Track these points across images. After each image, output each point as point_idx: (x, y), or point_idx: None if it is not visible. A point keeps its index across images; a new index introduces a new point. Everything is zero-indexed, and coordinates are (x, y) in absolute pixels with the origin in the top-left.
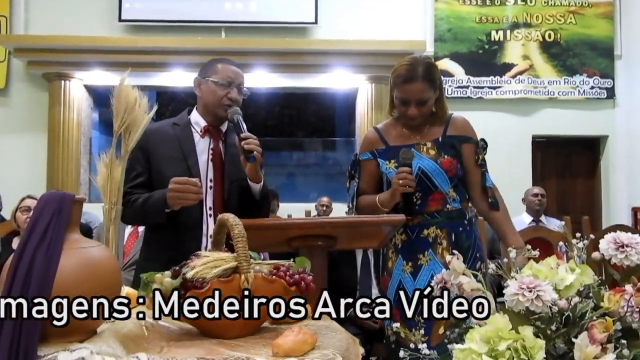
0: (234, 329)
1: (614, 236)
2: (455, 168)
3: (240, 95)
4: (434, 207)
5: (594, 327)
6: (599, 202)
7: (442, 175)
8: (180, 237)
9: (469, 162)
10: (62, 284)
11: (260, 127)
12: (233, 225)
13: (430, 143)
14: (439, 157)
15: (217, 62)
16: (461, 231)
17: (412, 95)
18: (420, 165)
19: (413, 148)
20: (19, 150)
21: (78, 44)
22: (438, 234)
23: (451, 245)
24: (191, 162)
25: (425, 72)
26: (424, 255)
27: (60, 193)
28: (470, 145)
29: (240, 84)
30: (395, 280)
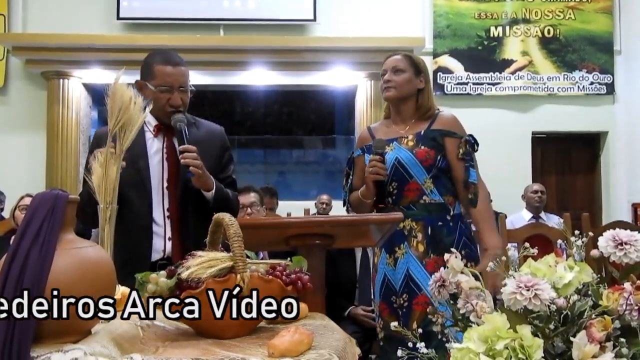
0: (230, 329)
1: (613, 234)
2: (431, 159)
3: (186, 96)
4: (409, 198)
5: (593, 326)
6: (599, 198)
7: (417, 165)
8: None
9: (452, 156)
10: (56, 284)
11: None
12: (229, 225)
13: (412, 136)
14: (416, 147)
15: (153, 64)
16: (441, 226)
17: (388, 64)
18: (397, 155)
19: (395, 141)
20: (18, 149)
21: (76, 43)
22: (413, 226)
23: (427, 239)
24: (142, 164)
25: (407, 55)
26: (399, 248)
27: (54, 193)
28: (454, 140)
29: (181, 85)
30: (380, 275)
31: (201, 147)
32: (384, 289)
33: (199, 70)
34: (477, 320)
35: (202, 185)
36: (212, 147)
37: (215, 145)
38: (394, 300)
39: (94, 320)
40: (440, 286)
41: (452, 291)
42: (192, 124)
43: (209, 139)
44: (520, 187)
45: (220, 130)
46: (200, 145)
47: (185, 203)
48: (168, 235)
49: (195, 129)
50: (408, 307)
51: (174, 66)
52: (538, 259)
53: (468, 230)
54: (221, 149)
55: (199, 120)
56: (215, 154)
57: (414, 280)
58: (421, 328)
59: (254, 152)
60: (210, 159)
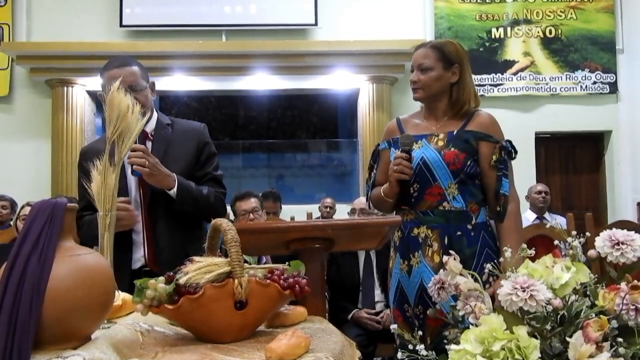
0: (229, 334)
1: (610, 234)
2: (460, 162)
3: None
4: (428, 203)
5: (589, 326)
6: (603, 198)
7: (443, 168)
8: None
9: (485, 163)
10: (56, 291)
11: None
12: (226, 230)
13: (444, 134)
14: (445, 148)
15: (103, 72)
16: (459, 236)
17: (415, 60)
18: (424, 155)
19: (424, 139)
20: (23, 156)
21: (80, 50)
22: (428, 234)
23: (443, 249)
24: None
25: (436, 43)
26: (414, 255)
27: (53, 201)
28: (489, 145)
29: (131, 84)
30: (395, 280)
31: (172, 147)
32: (398, 296)
33: (201, 76)
34: (476, 322)
35: (157, 184)
36: (185, 145)
37: (189, 144)
38: (407, 309)
39: (93, 326)
40: (440, 288)
41: (451, 293)
42: (167, 125)
43: (182, 137)
44: (525, 187)
45: (197, 127)
46: (171, 145)
47: (153, 209)
48: (145, 242)
49: (170, 129)
50: (423, 319)
51: (119, 67)
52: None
53: (493, 240)
54: (197, 147)
55: (176, 121)
56: (189, 152)
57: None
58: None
59: (257, 157)
60: (185, 157)
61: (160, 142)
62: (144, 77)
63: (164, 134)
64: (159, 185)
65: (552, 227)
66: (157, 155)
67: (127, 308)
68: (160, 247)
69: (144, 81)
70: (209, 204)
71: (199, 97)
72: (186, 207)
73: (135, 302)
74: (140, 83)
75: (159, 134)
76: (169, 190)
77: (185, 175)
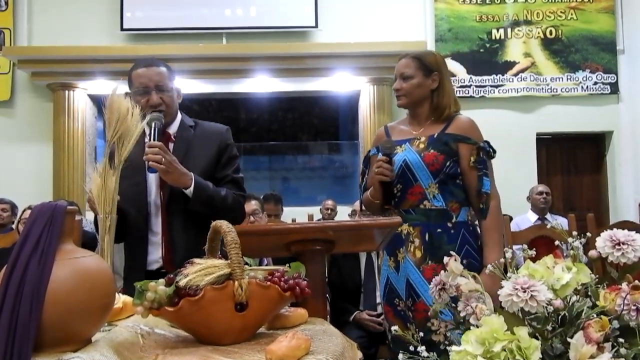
0: (229, 336)
1: (611, 234)
2: (439, 163)
3: (167, 95)
4: (410, 202)
5: (590, 327)
6: (605, 198)
7: (423, 169)
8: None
9: (465, 164)
10: (56, 293)
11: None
12: (226, 232)
13: (425, 138)
14: (425, 150)
15: (131, 72)
16: (440, 232)
17: (398, 70)
18: (406, 157)
19: (408, 142)
20: (25, 160)
21: (81, 54)
22: (410, 231)
23: (425, 245)
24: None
25: (416, 53)
26: (400, 252)
27: (53, 204)
28: (468, 146)
29: (157, 83)
30: (383, 277)
31: (193, 148)
32: (387, 291)
33: (202, 79)
34: (477, 323)
35: (173, 182)
36: (206, 147)
37: (210, 145)
38: (397, 303)
39: (94, 329)
40: (441, 289)
41: (452, 294)
42: (189, 127)
43: (204, 139)
44: (526, 188)
45: (220, 129)
46: (192, 146)
47: (172, 210)
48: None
49: (192, 130)
50: (413, 312)
51: (147, 67)
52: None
53: (473, 238)
54: (218, 148)
55: (199, 122)
56: (210, 153)
57: (412, 286)
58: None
59: (259, 159)
60: (205, 158)
61: (182, 143)
62: (171, 79)
63: (186, 135)
64: (175, 183)
65: (553, 227)
66: (177, 155)
67: (128, 311)
68: (177, 248)
69: (170, 83)
70: (225, 205)
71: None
72: (202, 207)
73: (136, 305)
74: (167, 84)
75: (181, 135)
76: (186, 189)
77: (204, 176)
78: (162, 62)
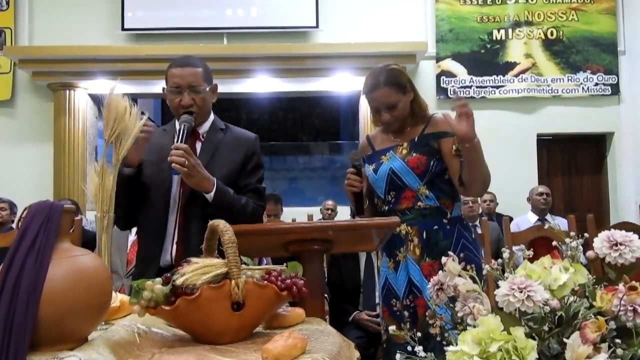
0: (226, 335)
1: (608, 234)
2: (423, 165)
3: (200, 97)
4: (404, 205)
5: (587, 327)
6: (606, 199)
7: (410, 174)
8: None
9: (448, 155)
10: (52, 292)
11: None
12: (223, 231)
13: (407, 143)
14: (408, 155)
15: (167, 70)
16: (436, 229)
17: (379, 101)
18: (392, 165)
19: (391, 150)
20: (26, 160)
21: (82, 54)
22: (408, 231)
23: (422, 242)
24: (166, 165)
25: (387, 78)
26: (399, 251)
27: (49, 202)
28: (448, 139)
29: (190, 84)
30: (382, 277)
31: (220, 151)
32: (385, 291)
33: None
34: (475, 323)
35: (195, 186)
36: (233, 152)
37: (237, 151)
38: (394, 303)
39: (90, 328)
40: (439, 289)
41: (450, 294)
42: (221, 130)
43: (232, 144)
44: (527, 189)
45: (249, 137)
46: (220, 149)
47: (189, 209)
48: (175, 239)
49: (222, 133)
50: (414, 309)
51: (182, 67)
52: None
53: (468, 232)
54: (245, 155)
55: (230, 127)
56: (236, 159)
57: (414, 283)
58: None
59: None
60: (230, 163)
61: (210, 145)
62: (207, 79)
63: (215, 137)
64: (196, 187)
65: (550, 228)
66: (204, 156)
67: (125, 309)
68: (191, 247)
69: (205, 83)
70: (244, 214)
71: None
72: (220, 212)
73: (132, 304)
74: (201, 84)
75: (211, 137)
76: (207, 193)
77: (227, 181)
78: (199, 61)
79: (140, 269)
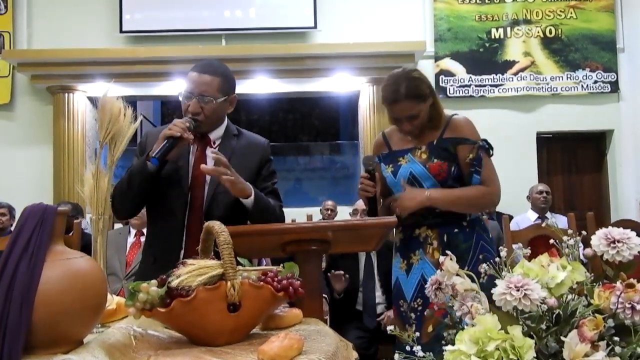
0: (222, 336)
1: (606, 232)
2: (444, 172)
3: (209, 106)
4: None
5: (584, 325)
6: (606, 197)
7: (431, 179)
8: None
9: (463, 162)
10: (46, 294)
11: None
12: (219, 233)
13: (425, 147)
14: (429, 161)
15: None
16: (456, 233)
17: (400, 114)
18: (411, 169)
19: (410, 153)
20: (26, 163)
21: (81, 57)
22: (429, 234)
23: (443, 245)
24: (182, 162)
25: (409, 90)
26: (414, 254)
27: (43, 205)
28: (467, 147)
29: (201, 93)
30: (393, 278)
31: (235, 157)
32: (395, 293)
33: None
34: (473, 322)
35: (238, 192)
36: (248, 158)
37: (252, 157)
38: (401, 304)
39: (85, 330)
40: (437, 289)
41: (448, 294)
42: (234, 136)
43: (246, 149)
44: (526, 188)
45: (262, 143)
46: (235, 155)
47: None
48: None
49: (236, 139)
50: (422, 311)
51: (200, 73)
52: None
53: (486, 233)
54: (260, 161)
55: (243, 132)
56: (251, 165)
57: None
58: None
59: None
60: (246, 169)
61: (225, 151)
62: (223, 89)
63: (230, 143)
64: (239, 194)
65: (548, 226)
66: None
67: (122, 312)
68: None
69: (220, 94)
70: (276, 214)
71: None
72: (260, 215)
73: (128, 306)
74: (212, 95)
75: (225, 143)
76: (246, 198)
77: None
78: (222, 68)
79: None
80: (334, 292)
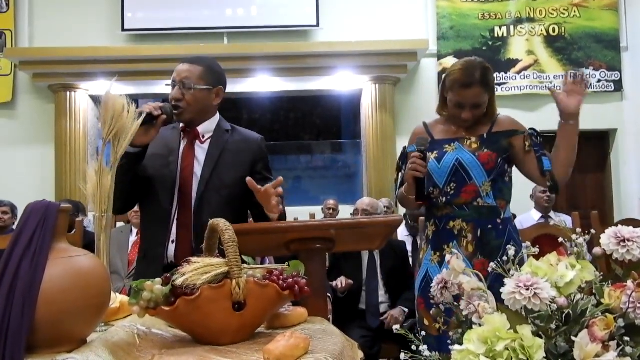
0: (227, 335)
1: (615, 230)
2: (493, 162)
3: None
4: (464, 199)
5: (595, 325)
6: (609, 196)
7: (479, 168)
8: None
9: (521, 153)
10: (49, 293)
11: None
12: (223, 230)
13: (475, 138)
14: (479, 150)
15: None
16: (490, 229)
17: (468, 99)
18: (459, 157)
19: (457, 142)
20: (28, 161)
21: (82, 55)
22: (464, 227)
23: (476, 240)
24: (172, 159)
25: (482, 77)
26: (448, 246)
27: (46, 202)
28: (519, 137)
29: (183, 80)
30: (422, 270)
31: (227, 153)
32: (424, 284)
33: None
34: (480, 322)
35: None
36: (240, 154)
37: (244, 153)
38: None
39: (88, 329)
40: (443, 288)
41: (454, 293)
42: (226, 131)
43: (239, 146)
44: (530, 187)
45: (256, 139)
46: (227, 151)
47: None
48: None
49: (228, 135)
50: None
51: (183, 63)
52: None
53: (517, 234)
54: (253, 159)
55: (236, 128)
56: (244, 161)
57: None
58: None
59: None
60: (238, 165)
61: (217, 147)
62: (206, 79)
63: (221, 139)
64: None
65: (556, 225)
66: (211, 158)
67: (125, 310)
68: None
69: (201, 82)
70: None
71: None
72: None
73: (132, 304)
74: (193, 82)
75: (216, 139)
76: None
77: (236, 183)
78: (208, 61)
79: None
80: (336, 292)
